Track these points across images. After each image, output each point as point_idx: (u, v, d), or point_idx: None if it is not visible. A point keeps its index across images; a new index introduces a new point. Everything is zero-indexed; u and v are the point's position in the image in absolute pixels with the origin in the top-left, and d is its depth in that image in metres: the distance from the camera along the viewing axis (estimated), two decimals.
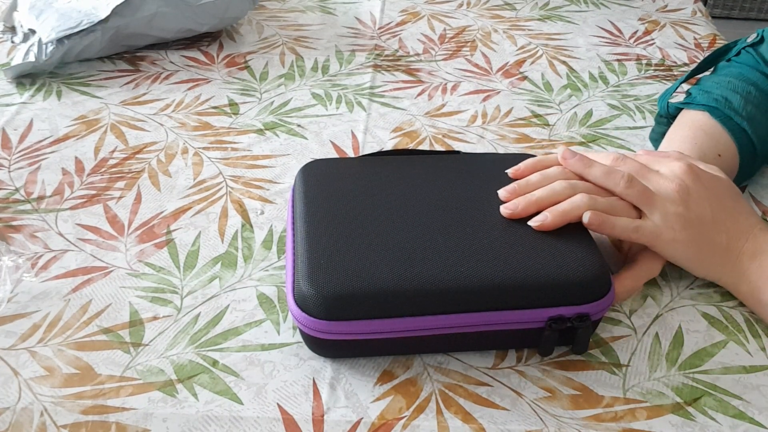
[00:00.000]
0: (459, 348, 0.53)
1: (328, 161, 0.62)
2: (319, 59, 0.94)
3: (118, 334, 0.54)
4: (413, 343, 0.51)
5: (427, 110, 0.83)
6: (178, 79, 0.88)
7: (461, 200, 0.56)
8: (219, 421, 0.48)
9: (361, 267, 0.50)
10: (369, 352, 0.52)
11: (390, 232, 0.53)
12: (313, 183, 0.58)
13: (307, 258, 0.51)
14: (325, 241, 0.52)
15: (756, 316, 0.57)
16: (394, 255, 0.50)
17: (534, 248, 0.52)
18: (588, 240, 0.53)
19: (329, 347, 0.51)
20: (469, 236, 0.52)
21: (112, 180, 0.70)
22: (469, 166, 0.60)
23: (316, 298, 0.48)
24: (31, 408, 0.48)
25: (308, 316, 0.48)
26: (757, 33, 0.72)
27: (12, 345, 0.53)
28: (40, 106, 0.82)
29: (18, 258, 0.60)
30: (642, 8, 1.12)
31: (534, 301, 0.49)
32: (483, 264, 0.50)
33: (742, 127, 0.65)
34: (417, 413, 0.49)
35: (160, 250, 0.62)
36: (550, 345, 0.52)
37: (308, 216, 0.54)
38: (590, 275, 0.50)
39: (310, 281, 0.49)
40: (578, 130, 0.80)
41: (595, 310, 0.50)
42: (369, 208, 0.55)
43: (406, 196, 0.56)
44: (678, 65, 0.95)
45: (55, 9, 0.89)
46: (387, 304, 0.48)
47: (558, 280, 0.50)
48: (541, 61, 0.95)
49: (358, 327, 0.49)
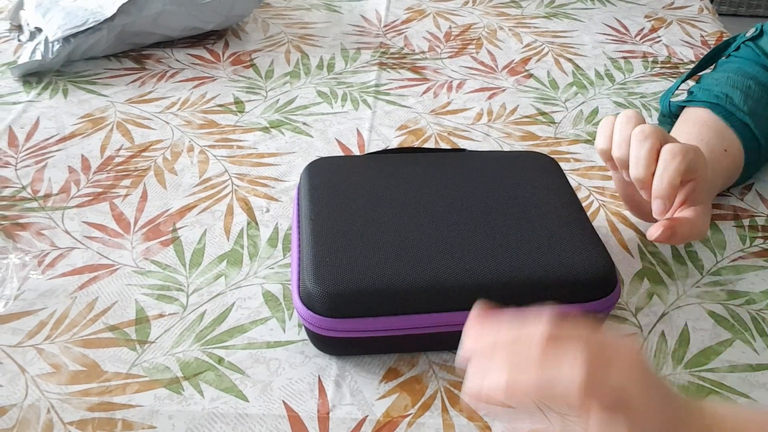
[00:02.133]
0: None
1: (333, 159, 0.62)
2: (325, 57, 0.94)
3: (125, 332, 0.54)
4: (419, 340, 0.51)
5: (433, 108, 0.83)
6: (183, 77, 0.88)
7: (467, 198, 0.56)
8: (225, 418, 0.48)
9: (366, 265, 0.50)
10: (374, 349, 0.52)
11: (395, 229, 0.53)
12: (319, 181, 0.58)
13: (313, 256, 0.51)
14: (331, 239, 0.52)
15: (763, 314, 0.57)
16: (398, 252, 0.50)
17: (540, 246, 0.52)
18: (594, 238, 0.53)
19: (334, 345, 0.51)
20: (474, 233, 0.52)
21: (118, 178, 0.70)
22: (475, 164, 0.60)
23: (321, 296, 0.48)
24: (38, 405, 0.49)
25: (314, 314, 0.49)
26: (756, 27, 0.72)
27: (19, 342, 0.53)
28: (47, 105, 0.82)
29: (25, 256, 0.60)
30: (648, 5, 1.11)
31: (540, 298, 0.49)
32: (489, 261, 0.50)
33: (745, 123, 0.65)
34: (422, 411, 0.49)
35: (166, 248, 0.62)
36: None
37: (313, 214, 0.54)
38: (596, 273, 0.50)
39: (316, 279, 0.49)
40: (584, 128, 0.80)
41: (600, 308, 0.50)
42: (374, 206, 0.55)
43: (412, 194, 0.56)
44: (684, 62, 0.94)
45: (62, 7, 0.90)
46: (392, 302, 0.48)
47: (564, 277, 0.50)
48: (547, 59, 0.94)
49: (363, 324, 0.49)
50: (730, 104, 0.66)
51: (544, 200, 0.56)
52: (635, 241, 0.64)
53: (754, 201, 0.69)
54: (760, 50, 0.70)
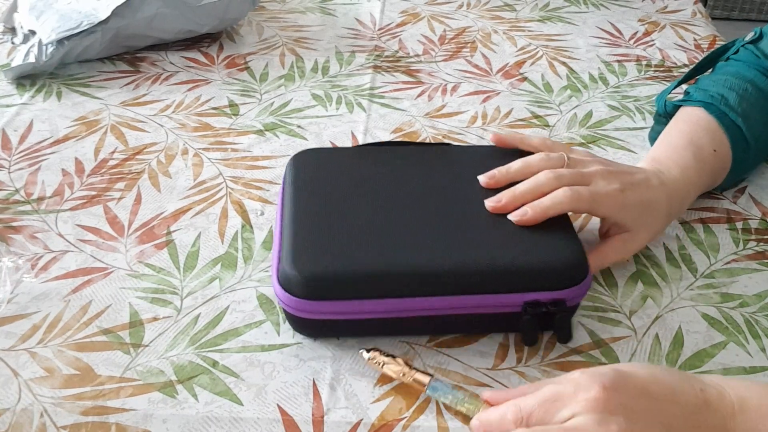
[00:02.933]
0: (438, 331, 0.54)
1: (319, 151, 0.64)
2: (319, 60, 0.94)
3: (118, 335, 0.54)
4: (393, 324, 0.53)
5: (427, 111, 0.83)
6: (178, 80, 0.88)
7: (446, 189, 0.58)
8: (219, 422, 0.48)
9: (342, 250, 0.51)
10: (350, 332, 0.53)
11: (373, 218, 0.54)
12: (303, 171, 0.60)
13: (292, 241, 0.52)
14: (310, 225, 0.54)
15: (756, 317, 0.57)
16: (375, 240, 0.52)
17: (513, 235, 0.53)
18: (567, 228, 0.55)
19: (311, 327, 0.52)
20: (450, 223, 0.54)
21: (112, 181, 0.70)
22: (457, 158, 0.62)
23: (298, 279, 0.50)
24: (31, 409, 0.48)
25: (291, 296, 0.50)
26: (755, 31, 0.73)
27: (12, 346, 0.53)
28: (40, 107, 0.82)
29: (18, 259, 0.60)
30: (642, 9, 1.12)
31: (510, 285, 0.51)
32: (461, 249, 0.52)
33: (737, 124, 0.66)
34: (417, 414, 0.49)
35: (160, 251, 0.62)
36: (531, 332, 0.53)
37: (295, 201, 0.56)
38: (565, 262, 0.52)
39: (294, 262, 0.51)
40: (578, 131, 0.80)
41: (570, 295, 0.52)
42: (355, 195, 0.57)
43: (393, 184, 0.58)
44: (678, 66, 0.95)
45: (56, 10, 0.89)
46: (366, 286, 0.50)
47: (533, 265, 0.51)
48: (541, 62, 0.95)
49: (338, 307, 0.50)
50: (724, 104, 0.66)
51: None
52: None
53: (747, 204, 0.70)
54: (761, 53, 0.70)
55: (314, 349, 0.53)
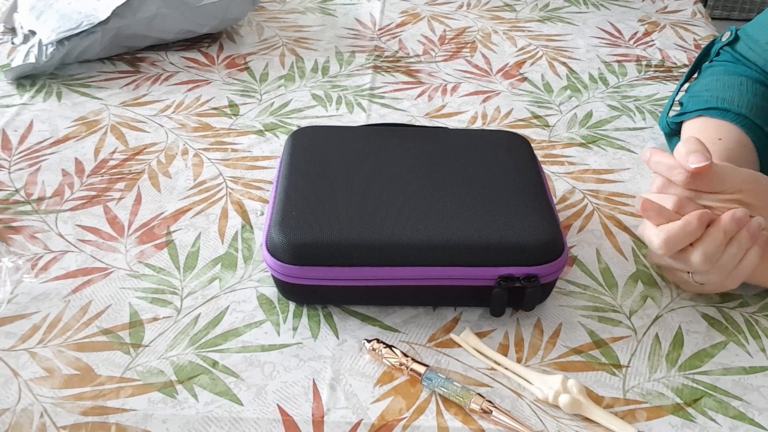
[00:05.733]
0: (417, 302, 0.57)
1: (317, 128, 0.66)
2: (319, 60, 0.94)
3: (118, 335, 0.54)
4: (374, 293, 0.55)
5: (427, 111, 0.83)
6: (178, 80, 0.88)
7: (435, 168, 0.60)
8: (219, 422, 0.48)
9: (328, 220, 0.54)
10: (334, 299, 0.56)
11: (362, 192, 0.57)
12: (299, 147, 0.62)
13: (282, 210, 0.55)
14: (300, 196, 0.56)
15: (756, 317, 0.57)
16: (361, 211, 0.55)
17: (493, 212, 0.55)
18: (546, 209, 0.56)
19: (297, 292, 0.55)
20: (435, 199, 0.56)
21: (112, 181, 0.70)
22: (450, 140, 0.64)
23: (285, 245, 0.53)
24: (31, 409, 0.48)
25: (278, 261, 0.53)
26: (731, 31, 0.73)
27: (12, 346, 0.53)
28: (41, 107, 0.82)
29: (18, 259, 0.60)
30: (642, 9, 1.12)
31: (486, 259, 0.53)
32: (442, 223, 0.54)
33: (743, 114, 0.65)
34: (417, 414, 0.49)
35: (160, 251, 0.62)
36: (500, 304, 0.54)
37: (289, 174, 0.59)
38: (541, 239, 0.53)
39: (281, 230, 0.54)
40: (578, 131, 0.80)
41: (544, 272, 0.53)
42: (347, 170, 0.59)
43: (385, 162, 0.60)
44: (678, 66, 0.95)
45: (56, 10, 0.90)
46: (348, 253, 0.53)
47: (509, 241, 0.53)
48: (541, 62, 0.95)
49: (321, 273, 0.53)
50: (721, 102, 0.66)
51: (506, 174, 0.60)
52: (629, 245, 0.64)
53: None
54: (739, 54, 0.71)
55: (314, 349, 0.53)
